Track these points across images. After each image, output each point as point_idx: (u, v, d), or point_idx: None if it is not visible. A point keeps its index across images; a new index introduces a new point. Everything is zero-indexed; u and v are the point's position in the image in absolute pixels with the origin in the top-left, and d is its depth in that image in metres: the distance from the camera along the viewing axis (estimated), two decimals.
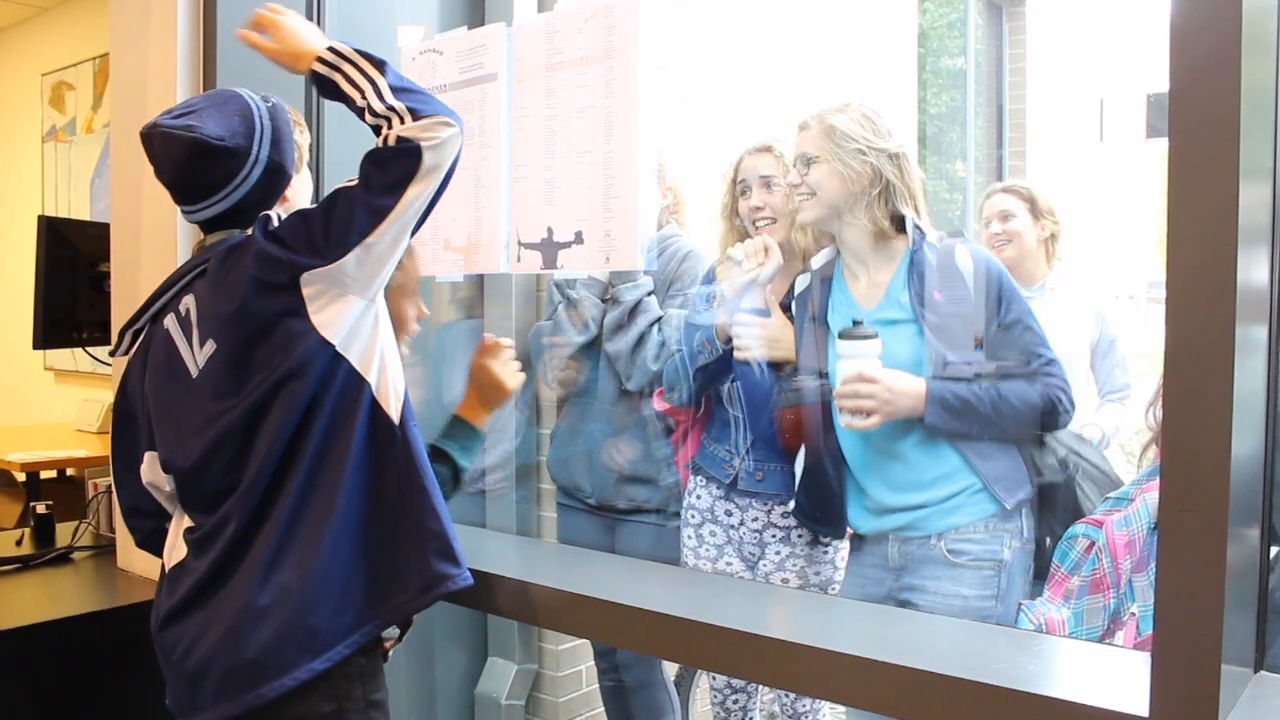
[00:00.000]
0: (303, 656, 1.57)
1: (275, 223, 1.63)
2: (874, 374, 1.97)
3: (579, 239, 1.88)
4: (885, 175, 2.05)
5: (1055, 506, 2.11)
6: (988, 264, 2.07)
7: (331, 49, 1.68)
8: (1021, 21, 5.87)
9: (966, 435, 2.03)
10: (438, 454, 1.92)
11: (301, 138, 1.83)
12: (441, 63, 2.18)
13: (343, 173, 2.48)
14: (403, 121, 1.57)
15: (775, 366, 2.26)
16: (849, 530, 2.27)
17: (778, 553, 2.36)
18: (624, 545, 2.66)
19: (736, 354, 2.23)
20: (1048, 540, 2.12)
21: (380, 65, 1.65)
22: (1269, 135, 1.29)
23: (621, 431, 2.65)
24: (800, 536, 2.35)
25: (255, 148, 1.64)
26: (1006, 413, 2.00)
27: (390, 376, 1.67)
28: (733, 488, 2.39)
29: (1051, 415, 2.02)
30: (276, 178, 1.70)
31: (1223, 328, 1.10)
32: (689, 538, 2.47)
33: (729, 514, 2.43)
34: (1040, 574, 2.09)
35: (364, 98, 1.62)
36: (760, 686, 2.52)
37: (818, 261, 2.20)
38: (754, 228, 2.35)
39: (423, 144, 1.56)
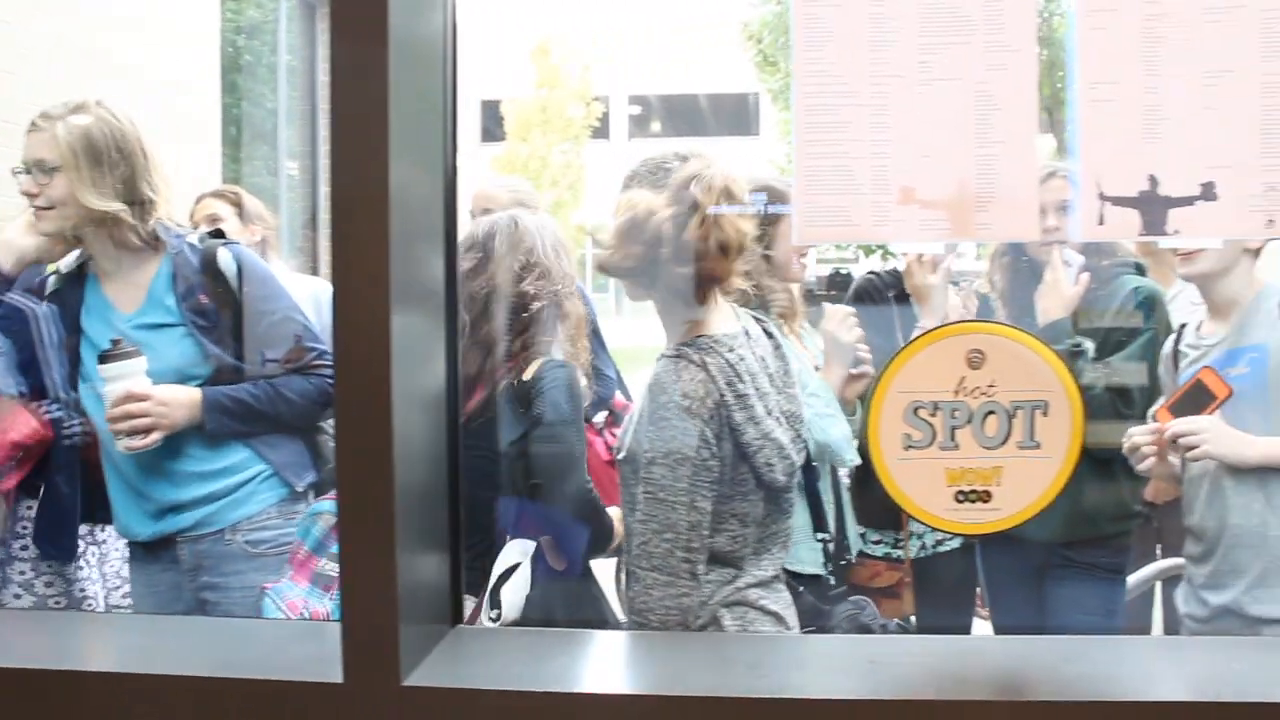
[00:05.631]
0: None
1: None
2: (143, 391, 1.93)
3: None
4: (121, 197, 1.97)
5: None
6: (248, 262, 2.11)
7: None
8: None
9: (250, 434, 2.07)
10: None
11: None
12: None
13: None
14: None
15: None
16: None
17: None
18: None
19: None
20: None
21: None
22: (439, 136, 1.41)
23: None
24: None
25: None
26: (285, 409, 2.07)
27: None
28: None
29: (330, 405, 2.09)
30: None
31: (380, 319, 1.19)
32: None
33: None
34: None
35: None
36: None
37: (66, 264, 2.07)
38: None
39: None
